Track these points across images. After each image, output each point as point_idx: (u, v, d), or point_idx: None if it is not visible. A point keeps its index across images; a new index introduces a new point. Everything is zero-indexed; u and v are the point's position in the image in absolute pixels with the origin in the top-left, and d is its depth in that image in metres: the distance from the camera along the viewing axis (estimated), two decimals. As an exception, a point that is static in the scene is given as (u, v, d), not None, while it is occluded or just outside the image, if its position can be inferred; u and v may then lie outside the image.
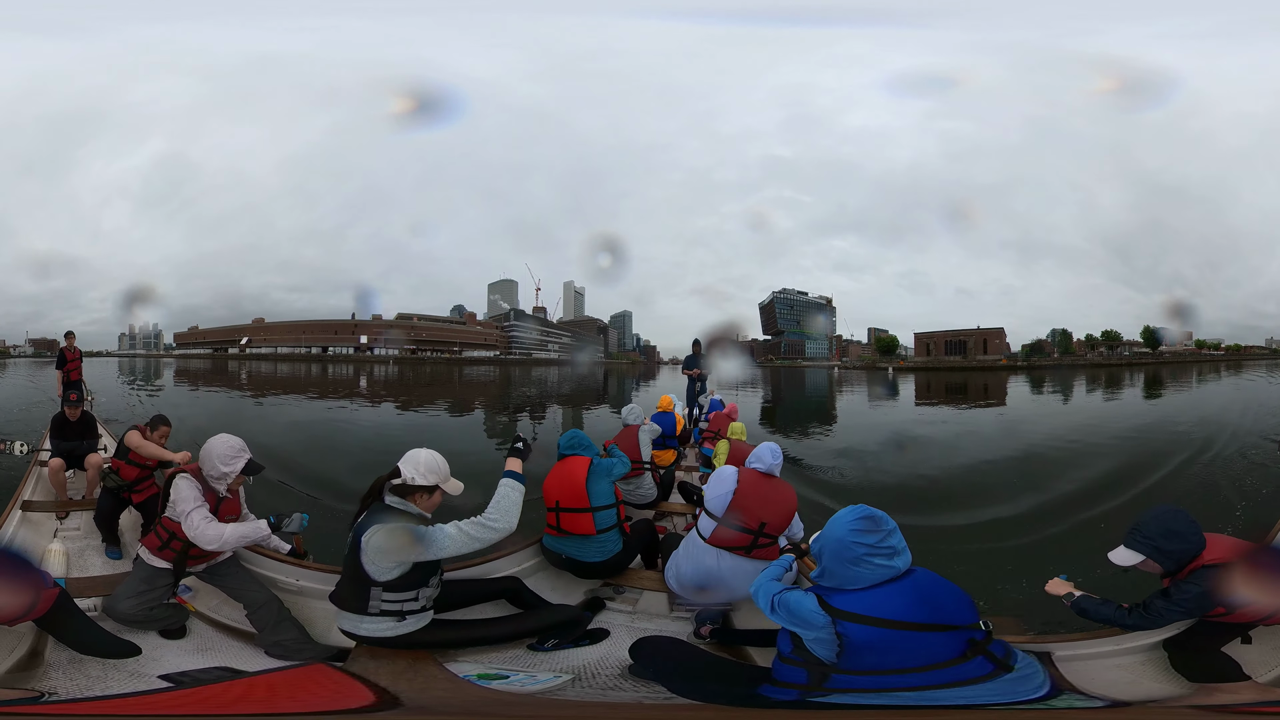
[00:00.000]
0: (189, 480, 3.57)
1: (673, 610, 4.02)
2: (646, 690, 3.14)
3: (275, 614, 3.56)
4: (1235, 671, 3.03)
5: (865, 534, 2.51)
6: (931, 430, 19.25)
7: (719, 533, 3.79)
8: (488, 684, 3.01)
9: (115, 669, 3.18)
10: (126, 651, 3.27)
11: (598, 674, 3.32)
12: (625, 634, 3.72)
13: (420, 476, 3.17)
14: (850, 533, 2.52)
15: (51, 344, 9.40)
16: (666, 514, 5.94)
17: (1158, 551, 2.94)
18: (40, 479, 5.84)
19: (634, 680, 3.24)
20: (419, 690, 2.84)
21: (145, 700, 2.84)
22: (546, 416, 24.60)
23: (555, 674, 3.25)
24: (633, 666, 3.30)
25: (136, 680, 3.14)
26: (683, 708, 2.94)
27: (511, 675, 3.16)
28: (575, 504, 4.16)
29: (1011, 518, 8.96)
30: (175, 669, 3.25)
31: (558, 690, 3.10)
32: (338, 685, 2.82)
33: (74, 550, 4.64)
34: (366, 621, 3.10)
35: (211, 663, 3.41)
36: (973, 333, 64.42)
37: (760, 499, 3.85)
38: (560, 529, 4.19)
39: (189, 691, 3.01)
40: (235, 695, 2.92)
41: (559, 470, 4.31)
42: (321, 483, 9.31)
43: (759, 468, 4.01)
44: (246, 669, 3.37)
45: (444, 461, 3.27)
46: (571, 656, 3.48)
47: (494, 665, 3.27)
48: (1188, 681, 3.10)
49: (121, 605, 3.43)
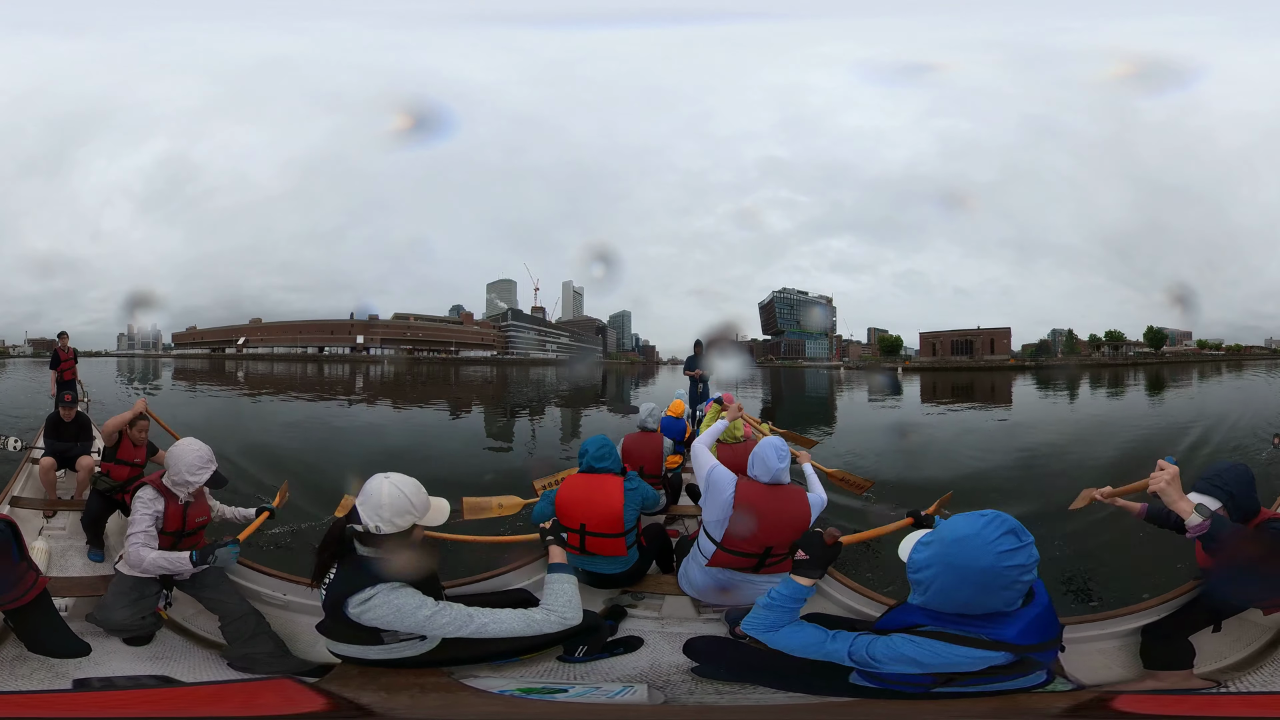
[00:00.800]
0: (151, 491, 3.48)
1: (700, 613, 3.79)
2: (732, 690, 3.00)
3: (251, 627, 3.41)
4: (1185, 660, 3.08)
5: (1015, 554, 2.05)
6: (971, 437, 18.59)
7: (719, 556, 3.39)
8: (543, 698, 2.77)
9: (44, 668, 3.07)
10: (75, 651, 3.15)
11: (668, 680, 3.15)
12: (662, 639, 3.55)
13: (387, 524, 2.53)
14: (999, 557, 2.03)
15: (51, 344, 9.42)
16: (677, 517, 5.84)
17: (1231, 499, 2.96)
18: (31, 476, 5.80)
19: (704, 681, 3.11)
20: (438, 709, 2.59)
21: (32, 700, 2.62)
22: (545, 416, 24.49)
23: (625, 684, 3.03)
24: (699, 668, 3.13)
25: (50, 680, 3.02)
26: (790, 707, 2.72)
27: (570, 688, 2.95)
28: (608, 529, 3.68)
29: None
30: (111, 673, 3.13)
31: (645, 700, 2.91)
32: (292, 696, 2.51)
33: (57, 550, 4.60)
34: (379, 651, 2.74)
35: (155, 670, 3.27)
36: (980, 332, 64.29)
37: (764, 517, 3.28)
38: (584, 550, 3.73)
39: (86, 694, 2.82)
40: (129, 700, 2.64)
41: (585, 487, 3.76)
42: (314, 487, 9.22)
43: (762, 477, 3.36)
44: (185, 679, 3.21)
45: (417, 490, 2.62)
46: (615, 665, 3.28)
47: (530, 679, 3.03)
48: (1142, 668, 3.15)
49: (116, 615, 3.33)
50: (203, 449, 3.61)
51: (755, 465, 3.41)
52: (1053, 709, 2.18)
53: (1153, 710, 2.34)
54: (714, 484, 3.46)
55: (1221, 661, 3.16)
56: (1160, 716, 2.29)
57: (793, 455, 3.50)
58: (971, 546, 2.07)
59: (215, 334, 67.85)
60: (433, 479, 2.82)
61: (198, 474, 3.54)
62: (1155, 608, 3.31)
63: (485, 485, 8.73)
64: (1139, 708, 2.33)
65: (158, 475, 3.64)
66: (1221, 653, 3.19)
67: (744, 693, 2.94)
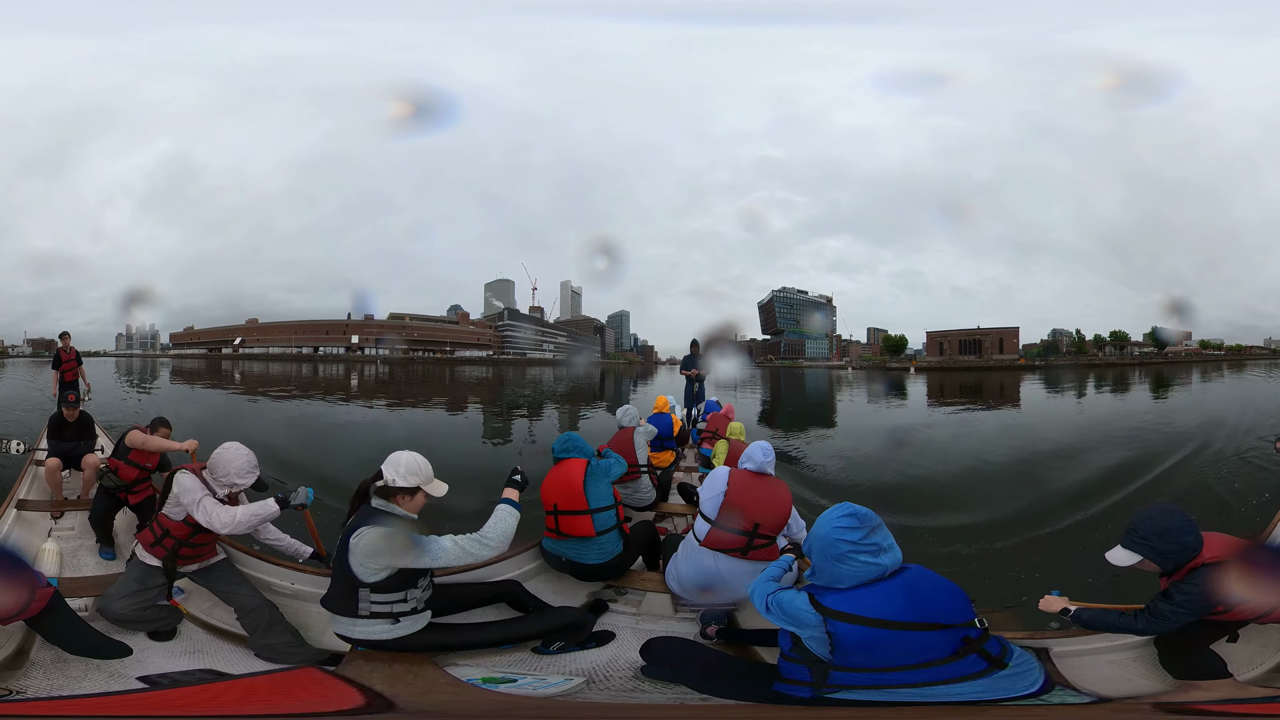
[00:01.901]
0: (193, 476, 3.61)
1: (677, 611, 3.99)
2: (667, 691, 3.12)
3: (267, 617, 3.55)
4: (1220, 669, 3.03)
5: (849, 531, 2.55)
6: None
7: (713, 535, 3.76)
8: (494, 688, 2.96)
9: (98, 669, 3.16)
10: (116, 652, 3.26)
11: (610, 676, 3.29)
12: (631, 636, 3.70)
13: (401, 479, 3.19)
14: (834, 530, 2.57)
15: (50, 344, 9.41)
16: (666, 515, 5.93)
17: (1154, 551, 2.91)
18: (36, 478, 5.82)
19: (649, 681, 3.23)
20: (419, 694, 2.81)
21: (114, 700, 2.80)
22: (543, 417, 24.55)
23: (566, 677, 3.21)
24: (646, 667, 3.29)
25: (113, 680, 3.11)
26: (705, 707, 2.92)
27: (520, 679, 3.12)
28: (573, 506, 4.12)
29: (1013, 516, 8.97)
30: (159, 670, 3.23)
31: (572, 693, 3.06)
32: (325, 688, 2.78)
33: (68, 550, 4.62)
34: (359, 625, 3.12)
35: (198, 665, 3.38)
36: (988, 332, 64.39)
37: (753, 500, 3.80)
38: (559, 531, 4.15)
39: (162, 693, 2.99)
40: (209, 696, 2.89)
41: (555, 473, 4.29)
42: (319, 481, 9.27)
43: (750, 467, 3.97)
44: (232, 671, 3.35)
45: (426, 463, 3.27)
46: (579, 659, 3.45)
47: (499, 669, 3.22)
48: (1172, 678, 3.10)
49: (115, 605, 3.42)
50: (249, 454, 3.75)
51: (744, 460, 4.05)
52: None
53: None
54: (714, 476, 4.02)
55: (1260, 668, 3.11)
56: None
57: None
58: (820, 522, 2.64)
59: (212, 334, 67.83)
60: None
61: (245, 478, 3.72)
62: None
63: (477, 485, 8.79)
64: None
65: (197, 465, 3.75)
66: (1256, 660, 3.13)
67: (667, 691, 3.15)
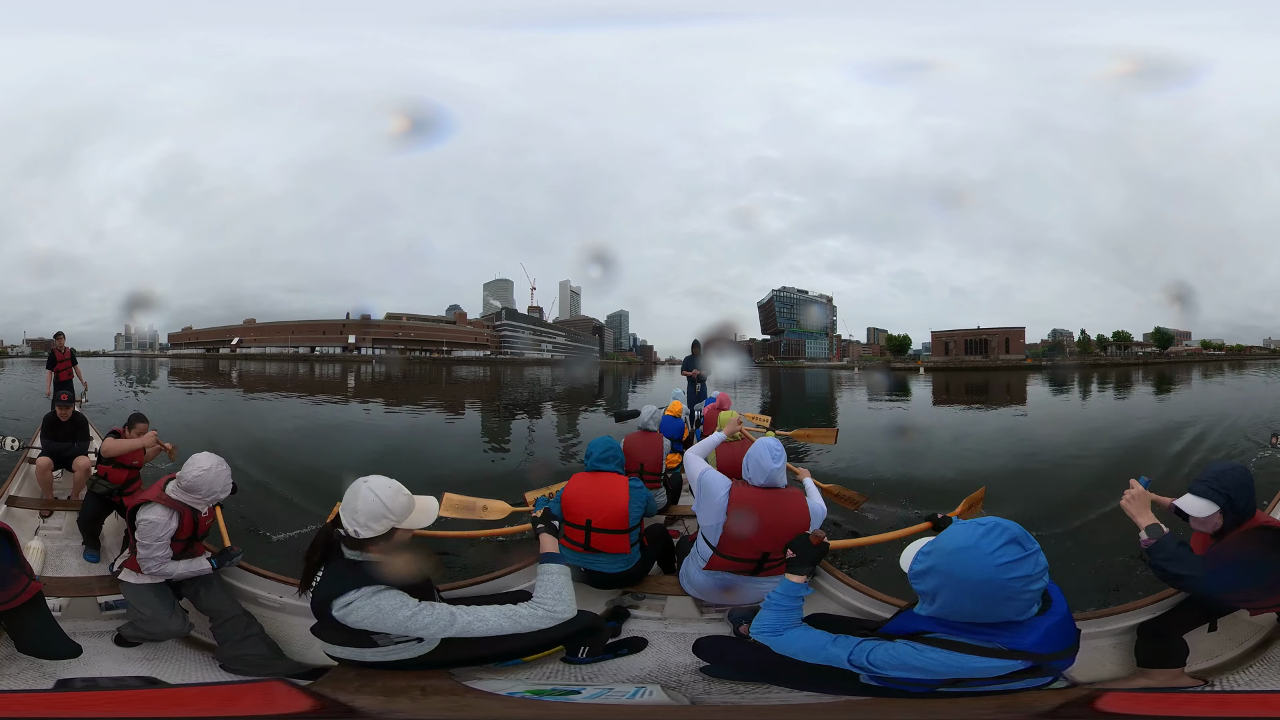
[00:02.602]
0: (163, 520, 3.37)
1: (703, 613, 3.77)
2: (746, 689, 2.97)
3: (242, 629, 3.40)
4: (1179, 658, 3.04)
5: (1018, 565, 1.98)
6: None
7: (715, 562, 3.35)
8: (550, 699, 2.73)
9: (32, 668, 3.07)
10: (65, 653, 3.16)
11: (680, 680, 3.13)
12: (665, 640, 3.52)
13: (364, 528, 2.53)
14: (1000, 570, 1.98)
15: (49, 344, 9.39)
16: (678, 517, 5.82)
17: (1229, 503, 2.89)
18: (27, 476, 5.81)
19: (717, 680, 3.09)
20: (443, 711, 2.55)
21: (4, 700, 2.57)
22: (541, 417, 24.50)
23: (639, 685, 3.00)
24: (709, 668, 3.11)
25: (35, 680, 3.02)
26: (803, 707, 2.67)
27: (582, 689, 2.91)
28: (613, 525, 3.74)
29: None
30: (95, 674, 3.14)
31: (660, 701, 2.88)
32: (277, 697, 2.48)
33: (52, 550, 4.61)
34: (370, 652, 2.68)
35: (141, 672, 3.26)
36: (994, 331, 64.24)
37: (759, 523, 3.21)
38: (589, 547, 3.78)
39: (64, 694, 2.79)
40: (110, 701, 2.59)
41: (590, 485, 3.83)
42: (307, 485, 9.26)
43: (757, 480, 3.29)
44: (170, 681, 3.19)
45: (396, 493, 2.60)
46: (622, 667, 3.24)
47: (537, 682, 2.98)
48: (1136, 665, 3.11)
49: (172, 624, 3.39)
50: (225, 469, 3.60)
51: (749, 468, 3.36)
52: (1042, 706, 2.16)
53: (1134, 709, 2.32)
54: (706, 488, 3.41)
55: (1213, 660, 3.13)
56: (1141, 716, 2.29)
57: (792, 470, 3.50)
58: (970, 558, 2.00)
59: (210, 334, 67.83)
60: (427, 479, 2.83)
61: (223, 492, 3.62)
62: (1151, 605, 3.26)
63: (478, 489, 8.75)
64: (1122, 706, 2.32)
65: (160, 490, 3.49)
66: (1215, 651, 3.16)
67: (759, 692, 2.90)
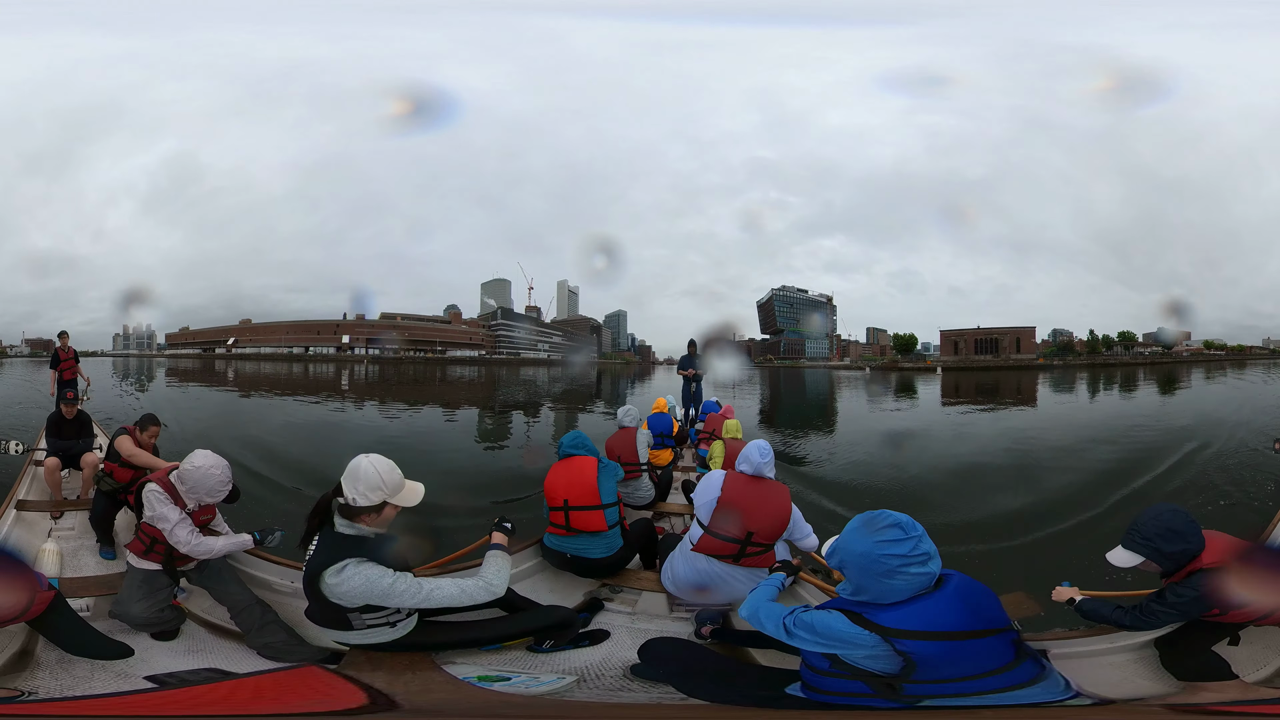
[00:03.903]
0: (160, 495, 3.50)
1: (672, 611, 3.98)
2: (656, 691, 3.12)
3: (259, 616, 3.52)
4: (1224, 670, 3.00)
5: (897, 544, 2.32)
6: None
7: (704, 541, 3.71)
8: (489, 686, 2.97)
9: (104, 669, 3.16)
10: (118, 653, 3.26)
11: (602, 675, 3.29)
12: (626, 635, 3.70)
13: (362, 496, 2.82)
14: (879, 546, 2.32)
15: (48, 344, 9.41)
16: (665, 514, 5.98)
17: (1157, 553, 2.88)
18: (35, 478, 5.84)
19: (640, 681, 3.22)
20: (418, 692, 2.81)
21: (127, 700, 2.81)
22: (540, 416, 24.58)
23: (559, 675, 3.21)
24: (637, 667, 3.28)
25: (122, 680, 3.12)
26: (698, 708, 2.90)
27: (514, 677, 3.12)
28: (586, 501, 4.13)
29: (1011, 514, 9.01)
30: (164, 670, 3.23)
31: (563, 692, 3.06)
32: (329, 687, 2.78)
33: (68, 550, 4.62)
34: (353, 635, 3.00)
35: (202, 664, 3.39)
36: (1005, 331, 64.52)
37: (747, 505, 3.69)
38: (570, 527, 4.15)
39: (173, 692, 2.99)
40: (219, 696, 2.89)
41: (564, 469, 4.26)
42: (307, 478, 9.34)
43: (746, 470, 3.84)
44: (236, 670, 3.35)
45: (391, 470, 2.91)
46: (573, 658, 3.45)
47: (494, 667, 3.22)
48: (1176, 680, 3.07)
49: (134, 609, 3.43)
50: (224, 469, 3.63)
51: (741, 461, 3.92)
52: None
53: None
54: (708, 479, 3.93)
55: (1265, 669, 3.07)
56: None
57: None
58: (854, 536, 2.40)
59: (207, 334, 67.84)
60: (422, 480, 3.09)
61: (218, 495, 3.64)
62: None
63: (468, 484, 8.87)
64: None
65: (164, 474, 3.66)
66: (1256, 661, 3.09)
67: (651, 691, 3.12)
